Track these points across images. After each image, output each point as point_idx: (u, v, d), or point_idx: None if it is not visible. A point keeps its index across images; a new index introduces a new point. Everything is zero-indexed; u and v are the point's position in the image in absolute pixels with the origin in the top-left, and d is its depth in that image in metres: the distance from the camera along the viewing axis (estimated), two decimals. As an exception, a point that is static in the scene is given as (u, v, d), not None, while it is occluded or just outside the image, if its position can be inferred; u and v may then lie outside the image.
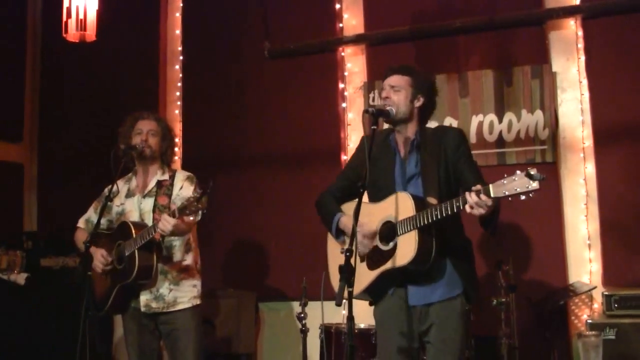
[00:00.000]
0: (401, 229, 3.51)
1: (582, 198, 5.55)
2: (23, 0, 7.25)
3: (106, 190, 4.59)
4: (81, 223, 4.67)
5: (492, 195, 3.20)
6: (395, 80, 3.76)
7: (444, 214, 3.38)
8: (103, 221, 4.49)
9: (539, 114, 5.67)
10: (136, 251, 4.21)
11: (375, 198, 3.75)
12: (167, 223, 4.04)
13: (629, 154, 5.48)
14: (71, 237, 4.70)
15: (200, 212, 3.93)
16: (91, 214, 4.65)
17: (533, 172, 3.09)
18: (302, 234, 6.07)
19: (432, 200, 3.54)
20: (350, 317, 3.18)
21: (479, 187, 3.25)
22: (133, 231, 4.27)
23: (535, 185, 3.09)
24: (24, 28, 7.25)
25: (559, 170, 5.62)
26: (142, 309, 4.38)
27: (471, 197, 3.24)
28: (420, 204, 3.51)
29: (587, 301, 5.45)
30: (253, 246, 6.36)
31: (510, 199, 3.18)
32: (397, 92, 3.73)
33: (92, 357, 4.03)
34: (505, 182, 3.17)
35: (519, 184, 3.12)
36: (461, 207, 3.32)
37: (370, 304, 3.85)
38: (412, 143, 3.74)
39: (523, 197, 3.15)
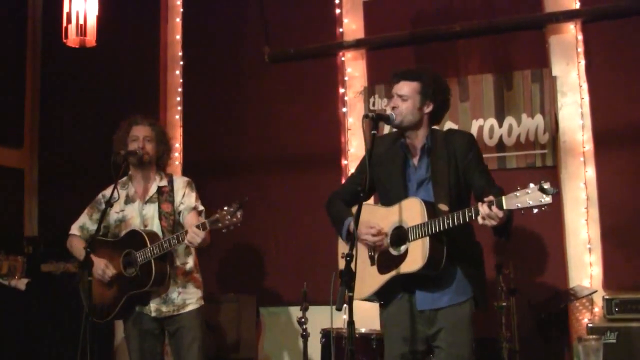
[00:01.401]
0: (412, 235, 3.52)
1: (582, 202, 5.55)
2: (23, 6, 7.26)
3: (100, 195, 4.61)
4: (75, 230, 4.62)
5: (504, 207, 3.21)
6: (402, 88, 3.73)
7: (455, 223, 3.39)
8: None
9: (539, 118, 5.67)
10: (152, 260, 4.23)
11: (386, 202, 3.75)
12: (197, 236, 4.07)
13: (630, 158, 5.48)
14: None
15: (233, 226, 3.94)
16: (85, 221, 4.62)
17: (546, 186, 3.10)
18: (303, 238, 6.08)
19: (443, 207, 3.53)
20: (351, 322, 3.19)
21: (491, 198, 3.26)
22: (147, 240, 4.28)
23: (548, 199, 3.10)
24: (24, 34, 7.26)
25: (559, 174, 5.62)
26: (153, 314, 4.40)
27: (483, 209, 3.25)
28: (431, 210, 3.52)
29: (587, 305, 5.44)
30: (253, 251, 6.36)
31: (522, 212, 3.18)
32: (405, 101, 3.70)
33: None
34: (518, 194, 3.18)
35: (532, 197, 3.13)
36: (473, 217, 3.32)
37: (381, 306, 3.85)
38: (422, 148, 3.73)
39: (536, 211, 3.15)
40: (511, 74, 5.78)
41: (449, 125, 5.83)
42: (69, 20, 5.33)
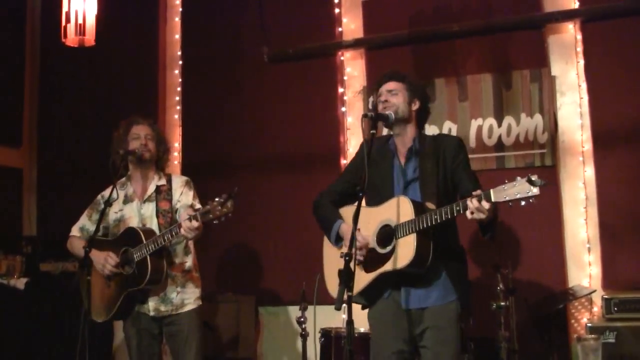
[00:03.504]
0: (400, 232, 3.53)
1: (581, 201, 5.55)
2: (22, 5, 7.26)
3: (99, 196, 4.62)
4: (75, 231, 4.62)
5: (492, 200, 3.23)
6: (391, 85, 3.83)
7: (443, 218, 3.40)
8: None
9: (538, 117, 5.67)
10: (148, 256, 4.23)
11: (373, 202, 3.76)
12: (192, 229, 4.04)
13: (628, 157, 5.49)
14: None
15: (224, 216, 3.93)
16: (85, 222, 4.62)
17: (534, 177, 3.11)
18: (302, 238, 6.06)
19: (431, 205, 3.56)
20: (350, 321, 3.19)
21: (479, 192, 3.28)
22: (142, 237, 4.27)
23: (535, 191, 3.11)
24: (23, 33, 7.26)
25: (558, 173, 5.62)
26: (151, 314, 4.40)
27: (472, 202, 3.27)
28: (419, 208, 3.53)
29: (586, 304, 5.45)
30: (252, 250, 6.37)
31: (510, 204, 3.20)
32: (395, 95, 3.79)
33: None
34: (505, 187, 3.19)
35: (520, 189, 3.14)
36: (461, 211, 3.34)
37: (363, 308, 3.85)
38: (411, 149, 3.77)
39: (523, 203, 3.17)
40: (510, 73, 5.78)
41: (447, 125, 5.83)
42: (67, 20, 5.33)
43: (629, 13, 5.54)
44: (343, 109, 6.27)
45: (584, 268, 5.49)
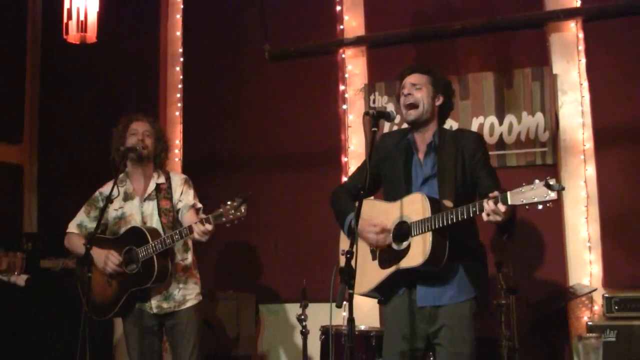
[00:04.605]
0: (416, 230, 3.51)
1: (582, 200, 5.55)
2: (23, 2, 7.25)
3: (97, 193, 4.62)
4: (73, 228, 4.61)
5: (509, 202, 3.20)
6: (415, 78, 3.79)
7: (459, 218, 3.38)
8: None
9: (539, 116, 5.66)
10: (154, 256, 4.23)
11: (391, 197, 3.75)
12: (206, 232, 4.06)
13: (630, 156, 5.48)
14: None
15: (237, 220, 3.94)
16: (83, 218, 4.61)
17: (552, 182, 3.09)
18: (302, 235, 6.08)
19: (448, 203, 3.53)
20: (351, 319, 3.18)
21: (496, 193, 3.25)
22: (148, 236, 4.28)
23: (553, 195, 3.09)
24: (25, 29, 7.25)
25: (560, 172, 5.61)
26: (154, 311, 4.42)
27: (488, 204, 3.25)
28: (436, 205, 3.52)
29: (587, 303, 5.44)
30: (253, 248, 6.36)
31: (527, 207, 3.18)
32: (419, 90, 3.76)
33: (91, 359, 4.02)
34: (523, 190, 3.17)
35: (537, 193, 3.12)
36: (477, 213, 3.32)
37: (379, 302, 3.86)
38: (430, 144, 3.75)
39: (540, 207, 3.15)
40: (512, 72, 5.76)
41: (449, 123, 5.73)
42: (69, 16, 5.32)
43: (631, 12, 5.53)
44: (344, 106, 6.26)
45: (585, 267, 5.49)
